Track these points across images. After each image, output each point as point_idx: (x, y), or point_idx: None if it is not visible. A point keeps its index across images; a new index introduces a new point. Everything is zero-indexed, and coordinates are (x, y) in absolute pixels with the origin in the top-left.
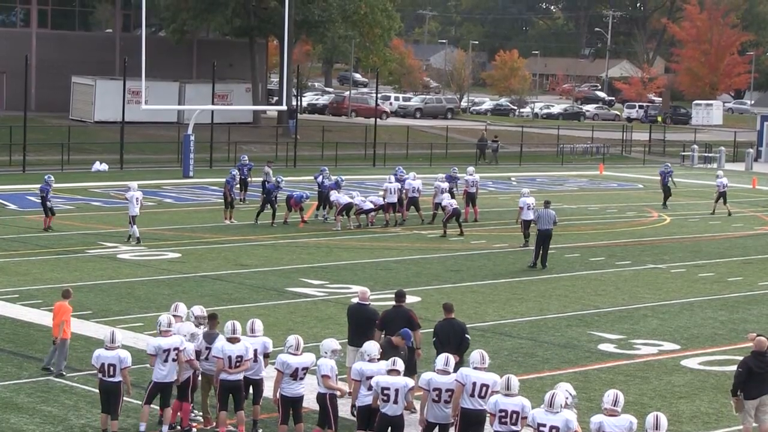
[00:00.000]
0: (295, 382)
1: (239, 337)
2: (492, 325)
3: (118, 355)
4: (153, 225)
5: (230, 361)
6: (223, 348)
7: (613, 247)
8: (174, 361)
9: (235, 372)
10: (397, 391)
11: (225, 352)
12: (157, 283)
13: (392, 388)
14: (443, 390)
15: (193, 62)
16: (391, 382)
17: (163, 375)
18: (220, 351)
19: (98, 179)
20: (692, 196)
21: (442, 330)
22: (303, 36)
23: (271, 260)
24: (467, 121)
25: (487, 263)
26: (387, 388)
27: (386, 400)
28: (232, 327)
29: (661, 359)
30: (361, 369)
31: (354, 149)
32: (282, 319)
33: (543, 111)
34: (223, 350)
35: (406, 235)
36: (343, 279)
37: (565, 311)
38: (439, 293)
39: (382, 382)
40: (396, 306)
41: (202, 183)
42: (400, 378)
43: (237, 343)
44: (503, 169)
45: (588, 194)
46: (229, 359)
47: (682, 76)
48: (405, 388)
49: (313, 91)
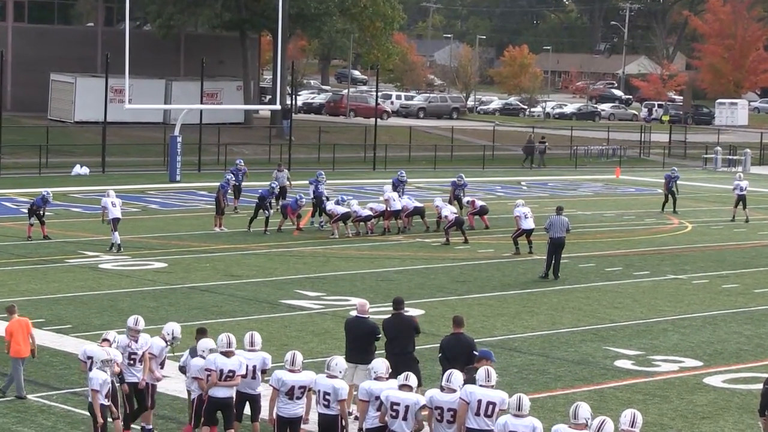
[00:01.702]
0: (292, 402)
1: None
2: (501, 340)
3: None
4: (137, 233)
5: (221, 375)
6: (216, 361)
7: (630, 257)
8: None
9: (224, 385)
10: (407, 407)
11: (217, 365)
12: (141, 295)
13: (402, 404)
14: (445, 409)
15: (180, 58)
16: (402, 397)
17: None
18: (213, 363)
19: (79, 183)
20: (715, 202)
21: (448, 345)
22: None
23: (264, 270)
24: (474, 122)
25: (496, 274)
26: (396, 404)
27: (395, 416)
28: (227, 340)
29: (683, 377)
30: (370, 388)
31: (352, 152)
32: (276, 333)
33: (555, 111)
34: (215, 363)
35: (408, 244)
36: (340, 290)
37: (579, 325)
38: (443, 306)
39: (392, 397)
40: (395, 314)
41: (189, 188)
42: (411, 394)
43: (231, 357)
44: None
45: (603, 200)
46: (221, 372)
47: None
48: (416, 405)
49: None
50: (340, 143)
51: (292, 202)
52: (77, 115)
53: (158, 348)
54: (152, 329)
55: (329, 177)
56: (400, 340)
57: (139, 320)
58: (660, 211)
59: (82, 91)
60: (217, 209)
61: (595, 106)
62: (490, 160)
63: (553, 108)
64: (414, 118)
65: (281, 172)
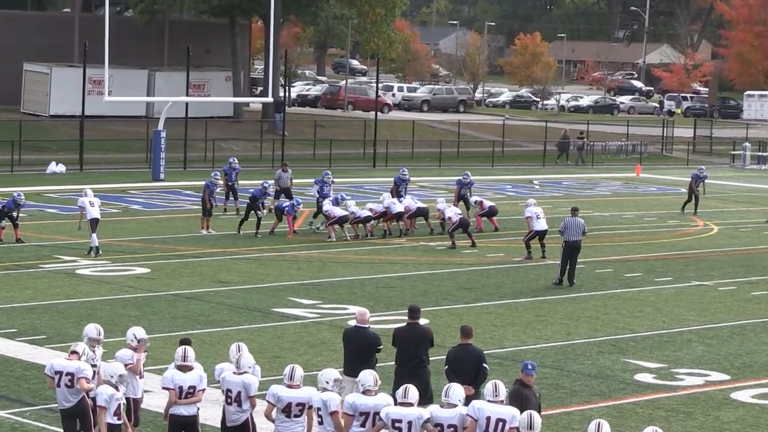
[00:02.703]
0: (289, 420)
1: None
2: (511, 351)
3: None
4: (118, 235)
5: (181, 392)
6: (173, 377)
7: (651, 261)
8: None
9: (185, 403)
10: (410, 423)
11: (175, 381)
12: (122, 303)
13: (404, 420)
14: (445, 426)
15: (164, 47)
16: (403, 413)
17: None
18: (170, 381)
19: (54, 182)
20: (743, 202)
21: (455, 357)
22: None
23: (255, 276)
24: (482, 115)
25: (506, 280)
26: (398, 421)
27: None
28: (183, 353)
29: (708, 391)
30: (354, 403)
31: (351, 148)
32: (268, 344)
33: (570, 103)
34: (173, 379)
35: (411, 248)
36: (338, 298)
37: (596, 336)
38: (449, 314)
39: (392, 414)
40: (411, 323)
41: (174, 187)
42: (412, 409)
43: (189, 372)
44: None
45: (623, 200)
46: (180, 389)
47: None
48: (419, 420)
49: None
50: (338, 139)
51: (289, 206)
52: (53, 109)
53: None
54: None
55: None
56: (413, 352)
57: (101, 330)
58: (680, 211)
59: (58, 82)
60: (204, 210)
61: (614, 99)
62: (499, 157)
63: (567, 100)
64: (417, 112)
65: (285, 172)
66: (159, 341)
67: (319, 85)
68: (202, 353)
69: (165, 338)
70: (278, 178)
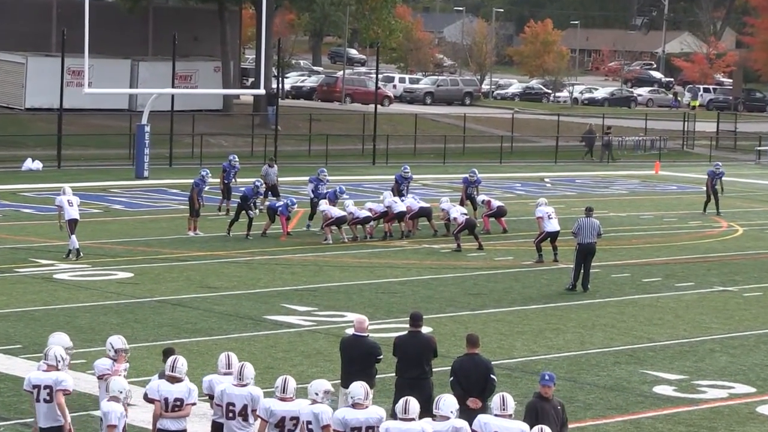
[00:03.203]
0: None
1: (180, 376)
2: (521, 362)
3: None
4: (98, 237)
5: (167, 405)
6: (159, 388)
7: (672, 265)
8: None
9: (172, 416)
10: None
11: (161, 393)
12: (103, 310)
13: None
14: None
15: (148, 35)
16: (404, 428)
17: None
18: (156, 391)
19: (30, 180)
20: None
21: (461, 368)
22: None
23: (245, 281)
24: (490, 108)
25: (515, 285)
26: None
27: None
28: (172, 363)
29: (732, 405)
30: (344, 418)
31: (349, 143)
32: (259, 354)
33: (584, 96)
34: (159, 390)
35: (413, 250)
36: (335, 305)
37: (612, 345)
38: (454, 322)
39: (392, 430)
40: (413, 331)
41: (159, 185)
42: (414, 424)
43: (177, 383)
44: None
45: (641, 199)
46: (166, 401)
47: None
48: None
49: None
50: (335, 133)
51: (283, 207)
52: (29, 101)
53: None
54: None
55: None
56: (416, 362)
57: (50, 350)
58: (702, 212)
59: (35, 72)
60: (191, 210)
61: (631, 91)
62: (508, 154)
63: (581, 93)
64: (420, 105)
65: (272, 168)
66: (143, 351)
67: (315, 76)
68: (188, 364)
69: (149, 348)
70: (265, 174)
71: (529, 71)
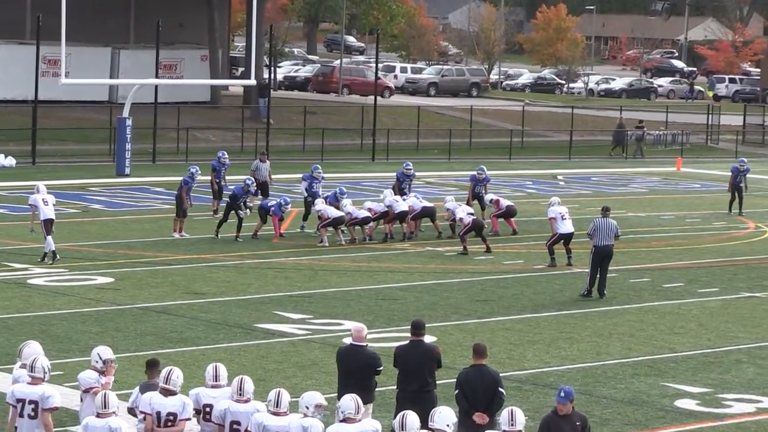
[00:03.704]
0: None
1: (174, 389)
2: (532, 374)
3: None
4: (76, 239)
5: (159, 419)
6: (151, 401)
7: (695, 269)
8: None
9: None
10: None
11: (153, 406)
12: (81, 318)
13: None
14: None
15: (130, 21)
16: None
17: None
18: (148, 405)
19: (2, 177)
20: None
21: (467, 380)
22: None
23: (235, 287)
24: (499, 100)
25: (526, 291)
26: None
27: None
28: (166, 374)
29: (760, 420)
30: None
31: (347, 138)
32: (250, 365)
33: (600, 86)
34: (151, 403)
35: (416, 253)
36: (331, 312)
37: (631, 355)
38: (460, 331)
39: None
40: (414, 341)
41: (142, 183)
42: None
43: (171, 396)
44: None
45: (661, 198)
46: (158, 416)
47: None
48: None
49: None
50: (331, 127)
51: (275, 206)
52: (1, 93)
53: None
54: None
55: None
56: (418, 374)
57: (36, 360)
58: (727, 212)
59: (7, 61)
60: (178, 211)
61: (651, 81)
62: (518, 149)
63: (597, 83)
64: (423, 96)
65: (263, 163)
66: (124, 362)
67: (310, 66)
68: None
69: (131, 358)
70: (255, 169)
71: (541, 60)
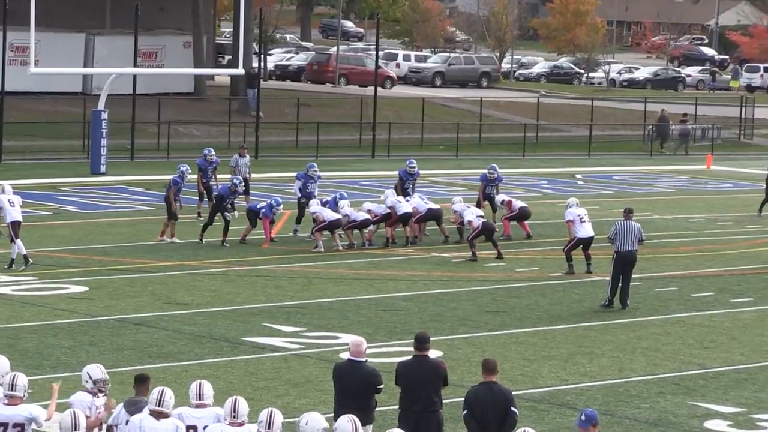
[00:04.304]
0: None
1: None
2: (548, 392)
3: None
4: (46, 244)
5: None
6: (141, 424)
7: (726, 277)
8: None
9: None
10: None
11: (143, 429)
12: (52, 331)
13: None
14: None
15: (106, 5)
16: None
17: None
18: (137, 428)
19: None
20: None
21: (477, 399)
22: None
23: (221, 296)
24: (511, 91)
25: (541, 301)
26: None
27: None
28: (159, 395)
29: None
30: None
31: (344, 133)
32: (237, 383)
33: (623, 76)
34: (141, 427)
35: (420, 260)
36: (327, 324)
37: (656, 372)
38: (469, 345)
39: None
40: (418, 356)
41: (119, 182)
42: None
43: (164, 420)
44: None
45: (690, 199)
46: None
47: None
48: None
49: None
50: (327, 121)
51: (266, 208)
52: None
53: None
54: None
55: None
56: (422, 392)
57: (17, 378)
58: (757, 213)
59: None
60: (170, 213)
61: (678, 70)
62: (533, 145)
63: (619, 72)
64: (428, 87)
65: (242, 158)
66: None
67: (304, 54)
68: None
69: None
70: (234, 165)
71: (558, 47)
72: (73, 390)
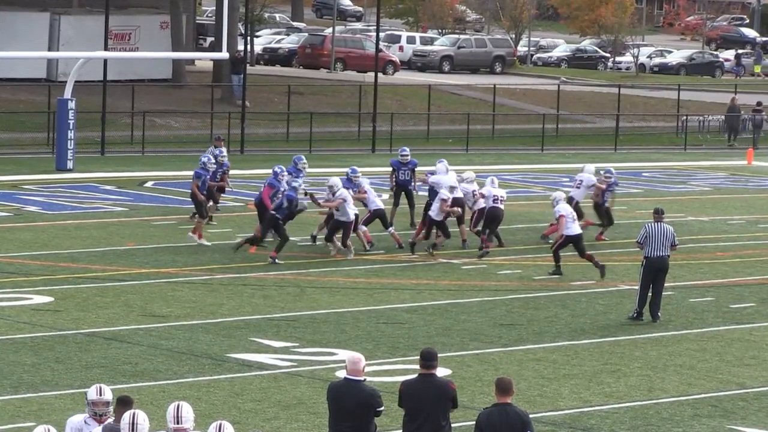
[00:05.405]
0: None
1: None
2: (569, 414)
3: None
4: (6, 249)
5: None
6: None
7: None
8: None
9: None
10: None
11: None
12: (13, 347)
13: None
14: None
15: None
16: None
17: None
18: None
19: None
20: None
21: (490, 423)
22: None
23: (203, 308)
24: (528, 78)
25: (562, 313)
26: None
27: None
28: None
29: None
30: None
31: (341, 124)
32: (221, 405)
33: (654, 60)
34: None
35: (426, 266)
36: (321, 339)
37: (690, 392)
38: (480, 362)
39: None
40: (425, 374)
41: (88, 180)
42: None
43: None
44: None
45: (728, 198)
46: None
47: None
48: None
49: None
50: (322, 111)
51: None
52: None
53: None
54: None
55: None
56: (428, 414)
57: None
58: None
59: None
60: (200, 210)
61: (716, 54)
62: (552, 138)
63: (650, 57)
64: (435, 73)
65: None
66: (66, 400)
67: (295, 35)
68: None
69: (74, 396)
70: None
71: (581, 28)
72: (36, 413)
